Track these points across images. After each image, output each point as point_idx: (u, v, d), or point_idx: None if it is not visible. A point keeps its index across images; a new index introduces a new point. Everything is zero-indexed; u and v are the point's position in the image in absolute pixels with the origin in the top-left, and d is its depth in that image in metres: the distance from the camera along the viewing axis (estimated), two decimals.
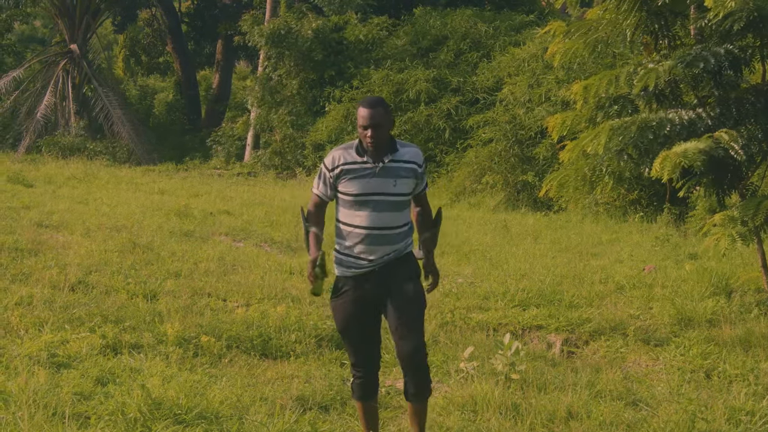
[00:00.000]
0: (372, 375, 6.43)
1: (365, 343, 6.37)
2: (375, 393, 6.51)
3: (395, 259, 6.22)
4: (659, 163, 13.11)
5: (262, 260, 12.99)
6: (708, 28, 15.28)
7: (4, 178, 22.64)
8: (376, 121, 6.07)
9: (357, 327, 6.27)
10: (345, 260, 6.24)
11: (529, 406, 7.15)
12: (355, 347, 6.38)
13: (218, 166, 34.56)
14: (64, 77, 37.66)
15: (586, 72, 23.09)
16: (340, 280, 6.30)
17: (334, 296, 6.34)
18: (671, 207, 18.54)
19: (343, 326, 6.32)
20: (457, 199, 24.86)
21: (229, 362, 8.36)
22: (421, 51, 32.59)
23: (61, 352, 7.87)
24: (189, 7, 51.20)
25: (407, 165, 6.23)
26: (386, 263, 6.19)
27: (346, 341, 6.46)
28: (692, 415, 6.96)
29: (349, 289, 6.25)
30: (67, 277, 10.67)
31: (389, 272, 6.19)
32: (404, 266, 6.27)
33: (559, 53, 18.04)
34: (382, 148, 6.15)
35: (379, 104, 6.14)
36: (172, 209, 17.60)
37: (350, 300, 6.24)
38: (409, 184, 6.25)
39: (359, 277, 6.21)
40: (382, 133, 6.10)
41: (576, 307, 10.76)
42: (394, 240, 6.20)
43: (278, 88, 33.07)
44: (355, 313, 6.24)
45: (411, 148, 6.33)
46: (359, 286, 6.21)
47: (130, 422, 6.28)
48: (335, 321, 6.42)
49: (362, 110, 6.11)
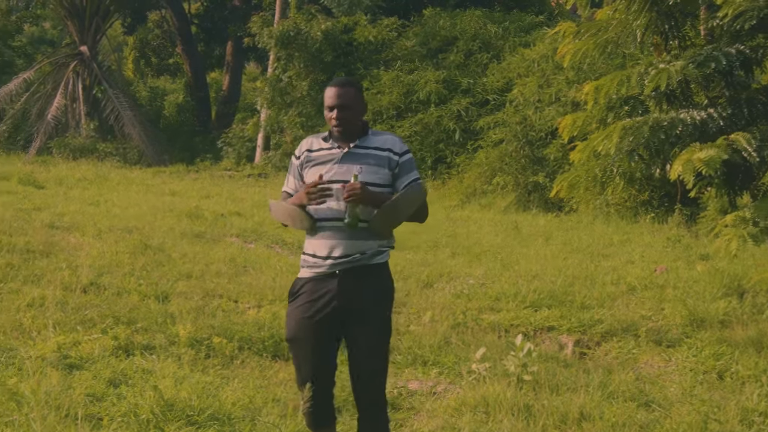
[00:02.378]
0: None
1: (317, 359, 5.55)
2: (331, 420, 5.79)
3: (363, 267, 5.44)
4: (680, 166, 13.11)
5: (274, 261, 13.00)
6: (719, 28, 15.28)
7: (16, 179, 22.66)
8: (343, 101, 5.46)
9: (310, 339, 5.47)
10: (307, 259, 5.53)
11: (542, 407, 7.13)
12: (303, 362, 5.59)
13: (229, 168, 34.56)
14: (75, 79, 37.73)
15: (596, 72, 23.12)
16: (299, 282, 5.58)
17: (290, 300, 5.61)
18: (682, 208, 18.51)
19: (291, 335, 5.55)
20: (467, 200, 24.84)
21: (241, 363, 8.36)
22: (431, 52, 32.57)
23: (74, 353, 7.87)
24: (198, 8, 51.21)
25: (378, 152, 5.50)
26: (351, 270, 5.41)
27: (293, 353, 5.69)
28: (705, 417, 6.95)
29: (305, 293, 5.51)
30: (78, 278, 10.68)
31: (354, 286, 5.42)
32: (374, 285, 5.51)
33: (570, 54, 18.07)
34: (350, 134, 5.53)
35: (349, 84, 5.56)
36: (183, 211, 17.62)
37: (305, 305, 5.50)
38: (380, 173, 5.46)
39: (319, 279, 5.47)
40: (350, 116, 5.49)
41: (588, 308, 10.74)
42: (360, 236, 5.40)
43: (288, 90, 33.05)
44: (309, 321, 5.46)
45: (387, 136, 5.63)
46: (317, 290, 5.46)
47: (142, 423, 6.28)
48: (286, 329, 5.64)
49: (329, 90, 5.51)
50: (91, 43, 38.70)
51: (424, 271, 12.77)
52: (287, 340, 5.64)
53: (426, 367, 8.57)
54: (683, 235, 16.22)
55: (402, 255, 14.07)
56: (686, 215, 18.36)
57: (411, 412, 7.40)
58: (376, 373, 5.51)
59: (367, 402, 5.54)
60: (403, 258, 13.75)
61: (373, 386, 5.51)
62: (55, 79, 37.88)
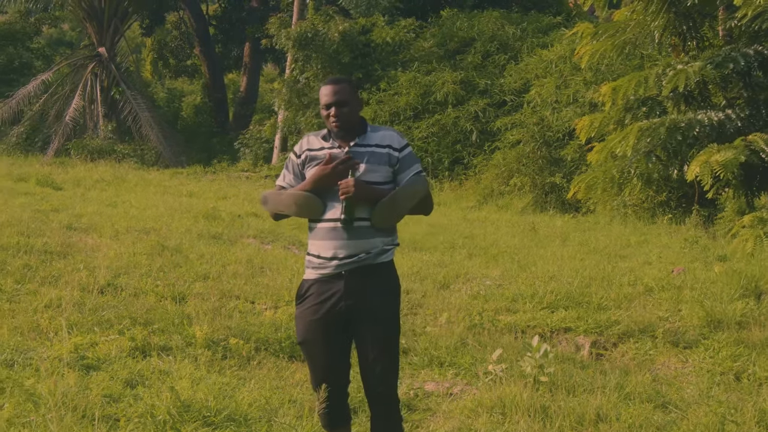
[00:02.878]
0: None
1: (330, 359, 5.55)
2: (346, 420, 5.78)
3: (369, 266, 5.39)
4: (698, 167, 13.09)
5: (291, 263, 13.00)
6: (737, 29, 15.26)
7: (34, 181, 22.76)
8: (339, 97, 5.39)
9: (321, 340, 5.47)
10: (312, 260, 5.47)
11: (558, 408, 7.12)
12: (316, 363, 5.58)
13: (246, 169, 34.62)
14: (93, 80, 37.89)
15: (614, 74, 23.11)
16: (305, 284, 5.53)
17: (298, 303, 5.58)
18: (700, 209, 18.46)
19: (302, 337, 5.55)
20: (484, 201, 24.84)
21: (257, 364, 8.37)
22: (449, 53, 32.57)
23: (91, 354, 7.88)
24: (216, 10, 51.36)
25: (378, 150, 5.43)
26: (357, 270, 5.38)
27: (306, 355, 5.69)
28: (722, 418, 6.93)
29: (312, 294, 5.47)
30: (96, 279, 10.71)
31: (361, 285, 5.38)
32: (380, 284, 5.47)
33: (587, 55, 18.08)
34: (349, 131, 5.46)
35: (343, 81, 5.50)
36: (201, 212, 17.65)
37: (313, 306, 5.46)
38: (381, 171, 5.41)
39: (325, 280, 5.43)
40: (347, 112, 5.42)
41: (604, 309, 10.71)
42: (364, 235, 5.36)
43: (305, 91, 33.06)
44: (318, 323, 5.44)
45: (385, 131, 5.54)
46: (324, 291, 5.43)
47: (159, 424, 6.28)
48: (296, 332, 5.64)
49: (324, 88, 5.45)
50: (109, 44, 38.85)
51: (440, 272, 12.76)
52: (299, 343, 5.63)
53: (442, 368, 8.56)
54: (701, 236, 16.17)
55: (418, 256, 14.07)
56: (704, 216, 18.32)
57: (427, 413, 7.39)
58: (386, 371, 5.46)
59: (379, 400, 5.51)
60: (420, 259, 13.75)
61: (384, 384, 5.48)
62: (74, 81, 38.05)
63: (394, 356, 5.53)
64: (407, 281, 11.93)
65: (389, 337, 5.49)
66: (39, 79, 38.12)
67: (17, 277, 10.70)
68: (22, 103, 37.42)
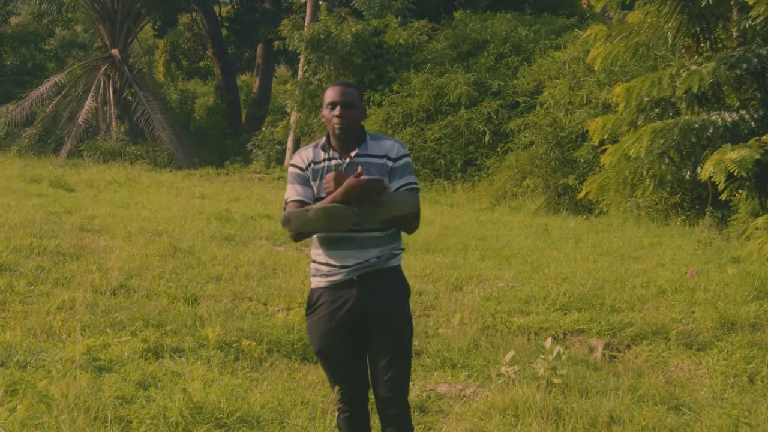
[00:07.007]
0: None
1: (350, 372, 5.51)
2: (367, 429, 5.70)
3: (379, 271, 5.34)
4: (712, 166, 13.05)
5: (303, 264, 12.99)
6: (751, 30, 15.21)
7: (46, 182, 22.83)
8: (348, 98, 5.28)
9: (338, 348, 5.42)
10: (320, 268, 5.39)
11: (571, 410, 7.10)
12: (336, 374, 5.53)
13: (258, 170, 34.66)
14: (106, 82, 37.98)
15: (627, 75, 23.06)
16: (315, 293, 5.44)
17: (309, 313, 5.48)
18: (713, 210, 18.41)
19: (319, 347, 5.47)
20: (497, 202, 24.80)
21: (270, 366, 8.37)
22: (462, 55, 32.53)
23: (103, 356, 7.88)
24: (229, 11, 51.45)
25: (377, 160, 5.33)
26: (369, 275, 5.31)
27: (324, 366, 5.62)
28: (735, 420, 6.91)
29: (324, 303, 5.38)
30: (108, 281, 10.72)
31: (373, 290, 5.31)
32: (392, 288, 5.41)
33: (601, 56, 18.05)
34: (350, 136, 5.32)
35: (352, 86, 5.39)
36: (213, 213, 17.66)
37: (327, 315, 5.38)
38: None
39: (335, 288, 5.35)
40: (353, 115, 5.30)
41: (617, 311, 10.69)
42: (371, 243, 5.31)
43: (318, 92, 33.03)
44: (333, 332, 5.37)
45: (386, 141, 5.40)
46: (336, 298, 5.35)
47: (171, 426, 6.28)
48: (312, 342, 5.55)
49: (331, 89, 5.34)
50: (122, 46, 38.95)
51: (453, 273, 12.75)
52: (316, 354, 5.56)
53: (455, 370, 8.56)
54: (714, 238, 16.12)
55: (431, 257, 14.05)
56: (717, 218, 18.27)
57: (440, 415, 7.38)
58: (399, 377, 5.37)
59: (391, 410, 5.39)
60: (432, 261, 13.73)
61: (397, 391, 5.37)
62: (86, 83, 38.15)
63: (405, 363, 5.43)
64: (420, 283, 11.92)
65: (401, 344, 5.40)
66: (52, 80, 38.25)
67: (30, 278, 10.71)
68: (34, 105, 37.52)
